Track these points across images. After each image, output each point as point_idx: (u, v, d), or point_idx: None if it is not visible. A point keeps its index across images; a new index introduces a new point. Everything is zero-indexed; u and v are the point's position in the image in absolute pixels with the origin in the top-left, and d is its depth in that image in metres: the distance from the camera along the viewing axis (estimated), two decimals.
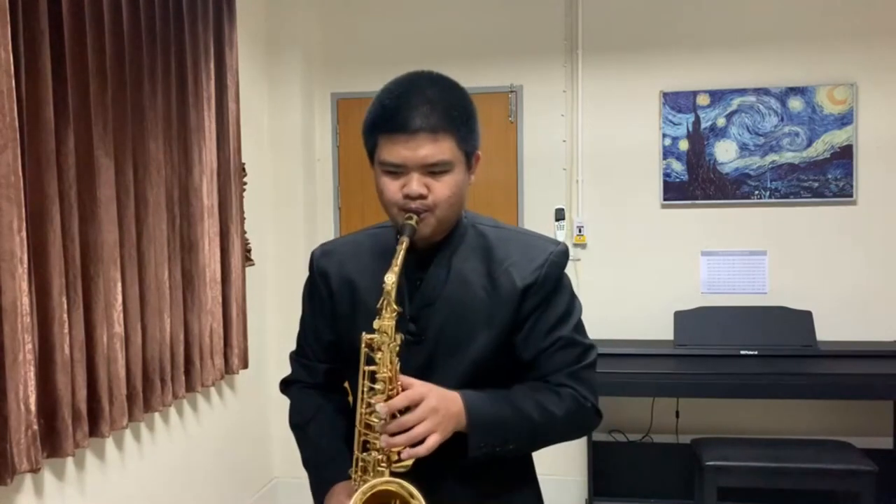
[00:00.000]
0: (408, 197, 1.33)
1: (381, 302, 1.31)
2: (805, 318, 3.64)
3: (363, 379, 1.33)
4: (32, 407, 2.13)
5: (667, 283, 3.93)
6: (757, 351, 3.57)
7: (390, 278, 1.29)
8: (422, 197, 1.33)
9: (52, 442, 2.27)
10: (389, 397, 1.28)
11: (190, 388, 3.06)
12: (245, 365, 3.49)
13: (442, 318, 1.40)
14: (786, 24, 3.83)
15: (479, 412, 1.32)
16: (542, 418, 1.36)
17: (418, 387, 1.29)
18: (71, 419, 2.30)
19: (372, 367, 1.32)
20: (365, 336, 1.32)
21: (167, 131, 2.89)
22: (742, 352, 3.57)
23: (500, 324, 1.39)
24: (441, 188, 1.34)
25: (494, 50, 4.04)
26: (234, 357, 3.38)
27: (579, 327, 1.44)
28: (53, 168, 2.23)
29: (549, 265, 1.41)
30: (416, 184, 1.32)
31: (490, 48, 4.04)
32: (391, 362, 1.30)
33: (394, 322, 1.30)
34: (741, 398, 3.64)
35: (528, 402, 1.36)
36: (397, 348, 1.31)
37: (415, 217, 1.33)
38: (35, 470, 2.15)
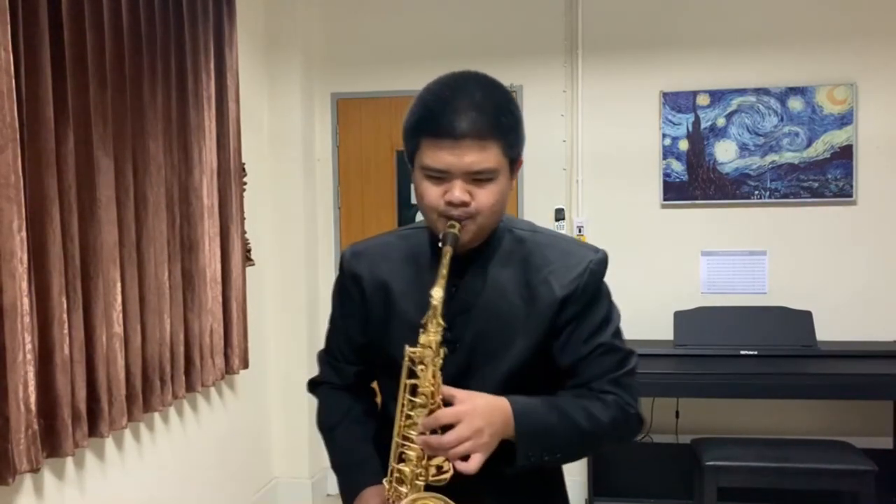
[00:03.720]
0: (450, 204, 1.28)
1: (426, 316, 1.27)
2: (805, 318, 3.63)
3: (404, 392, 1.31)
4: (32, 407, 2.13)
5: (667, 283, 3.93)
6: (757, 351, 3.56)
7: (437, 293, 1.25)
8: (464, 204, 1.28)
9: (52, 442, 2.27)
10: (431, 411, 1.26)
11: (190, 388, 3.06)
12: (245, 365, 3.48)
13: (478, 326, 1.37)
14: (786, 24, 3.83)
15: (528, 420, 1.28)
16: (589, 426, 1.32)
17: (460, 402, 1.25)
18: (71, 419, 2.30)
19: (413, 381, 1.29)
20: (408, 349, 1.29)
21: (167, 131, 2.89)
22: (742, 352, 3.57)
23: (538, 332, 1.36)
24: (485, 196, 1.29)
25: (494, 50, 4.03)
26: (234, 357, 3.38)
27: (618, 334, 1.41)
28: (53, 168, 2.23)
29: (588, 274, 1.38)
30: (458, 191, 1.28)
31: (490, 48, 4.04)
32: (434, 377, 1.27)
33: (439, 337, 1.27)
34: (741, 398, 3.64)
35: (576, 409, 1.32)
36: (441, 363, 1.28)
37: (457, 225, 1.29)
38: (35, 470, 2.16)
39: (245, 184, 3.54)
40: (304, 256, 4.00)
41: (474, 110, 1.27)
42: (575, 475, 3.91)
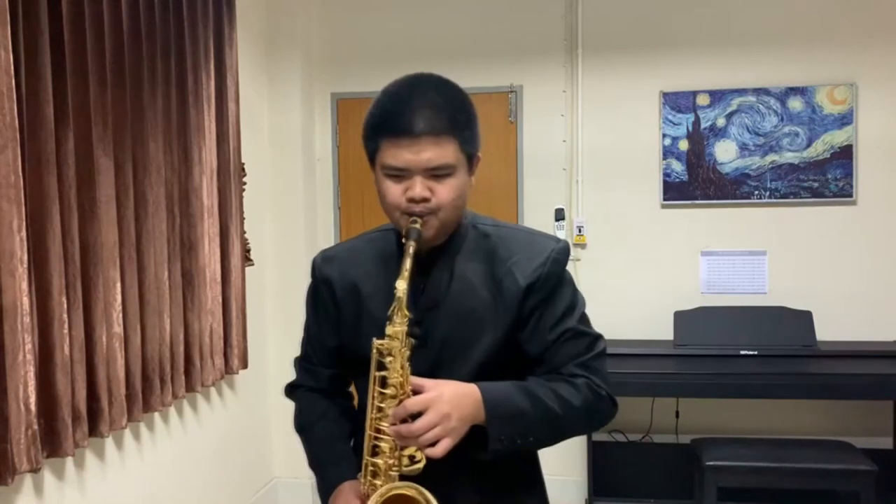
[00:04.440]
0: (411, 200, 1.32)
1: (392, 308, 1.31)
2: (805, 318, 3.63)
3: (374, 384, 1.33)
4: (32, 407, 2.13)
5: (667, 283, 3.93)
6: (757, 351, 3.56)
7: (401, 284, 1.29)
8: (425, 200, 1.32)
9: (51, 442, 2.27)
10: (400, 402, 1.29)
11: (190, 388, 3.06)
12: (245, 365, 3.49)
13: (446, 322, 1.40)
14: (786, 24, 3.83)
15: (497, 404, 1.31)
16: (561, 409, 1.35)
17: (428, 391, 1.28)
18: (71, 419, 2.30)
19: (383, 373, 1.32)
20: (376, 341, 1.32)
21: (167, 131, 2.89)
22: (742, 352, 3.57)
23: (505, 323, 1.39)
24: (444, 191, 1.34)
25: (494, 50, 4.03)
26: (233, 357, 3.38)
27: (584, 319, 1.44)
28: (53, 168, 2.23)
29: (551, 262, 1.41)
30: (419, 187, 1.32)
31: (490, 48, 4.04)
32: (402, 367, 1.30)
33: (405, 327, 1.31)
34: (741, 398, 3.63)
35: (546, 392, 1.35)
36: (408, 353, 1.31)
37: (419, 220, 1.33)
38: (35, 470, 2.16)
39: (245, 184, 3.54)
40: (304, 256, 4.00)
41: (429, 108, 1.31)
42: (575, 475, 3.92)
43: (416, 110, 1.31)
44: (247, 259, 3.57)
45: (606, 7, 3.94)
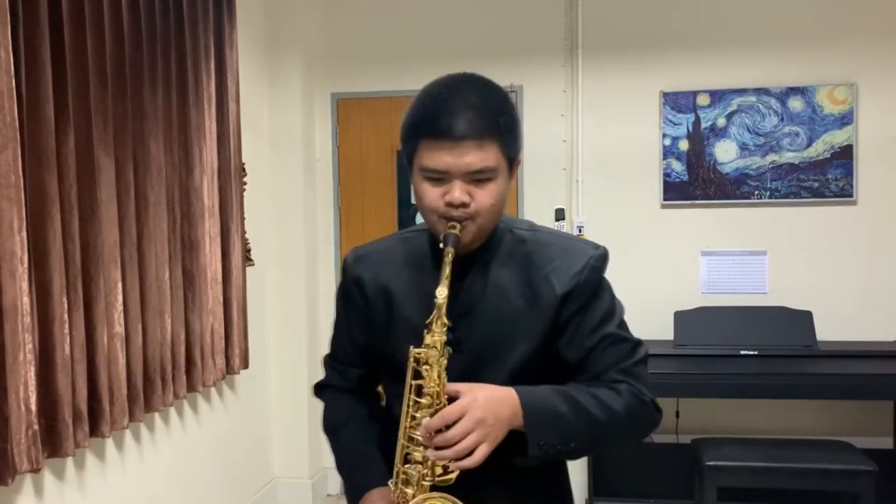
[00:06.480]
0: (450, 205, 1.29)
1: (431, 317, 1.28)
2: (805, 318, 3.63)
3: (409, 393, 1.30)
4: (33, 407, 2.13)
5: (667, 283, 3.93)
6: (757, 351, 3.56)
7: (441, 292, 1.26)
8: (464, 205, 1.29)
9: (52, 442, 2.27)
10: (436, 411, 1.26)
11: (191, 388, 3.06)
12: (246, 365, 3.48)
13: (480, 328, 1.37)
14: (786, 24, 3.83)
15: (536, 407, 1.27)
16: (602, 414, 1.30)
17: (463, 397, 1.25)
18: (71, 419, 2.30)
19: (419, 381, 1.29)
20: (413, 350, 1.30)
21: (167, 131, 2.89)
22: (742, 352, 3.57)
23: (540, 332, 1.36)
24: (484, 196, 1.30)
25: (494, 50, 4.03)
26: (234, 357, 3.38)
27: (624, 326, 1.41)
28: (53, 168, 2.23)
29: (588, 270, 1.38)
30: (458, 192, 1.28)
31: (490, 48, 4.04)
32: (439, 376, 1.27)
33: (444, 337, 1.28)
34: (741, 398, 3.64)
35: (586, 397, 1.31)
36: (445, 363, 1.28)
37: (458, 226, 1.29)
38: (36, 470, 2.16)
39: (245, 184, 3.55)
40: (304, 256, 4.00)
41: (472, 111, 1.27)
42: (575, 475, 3.89)
43: (457, 112, 1.27)
44: (247, 259, 3.57)
45: (606, 7, 3.94)
